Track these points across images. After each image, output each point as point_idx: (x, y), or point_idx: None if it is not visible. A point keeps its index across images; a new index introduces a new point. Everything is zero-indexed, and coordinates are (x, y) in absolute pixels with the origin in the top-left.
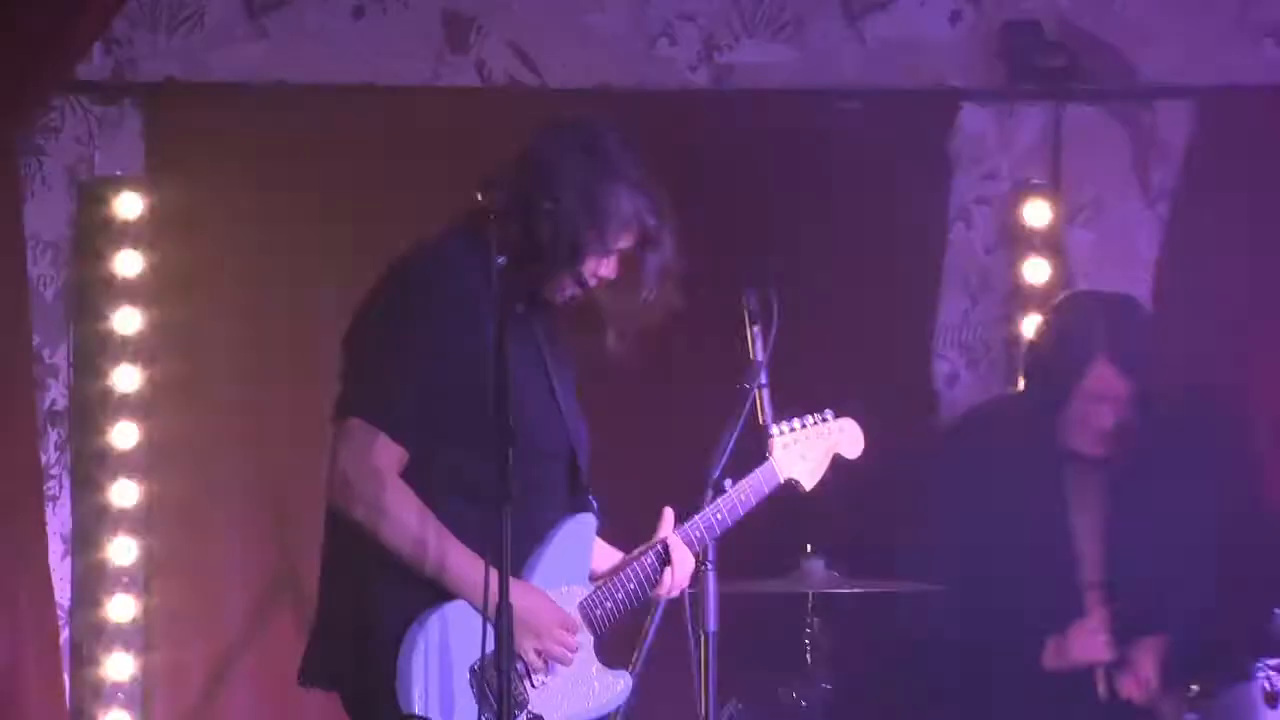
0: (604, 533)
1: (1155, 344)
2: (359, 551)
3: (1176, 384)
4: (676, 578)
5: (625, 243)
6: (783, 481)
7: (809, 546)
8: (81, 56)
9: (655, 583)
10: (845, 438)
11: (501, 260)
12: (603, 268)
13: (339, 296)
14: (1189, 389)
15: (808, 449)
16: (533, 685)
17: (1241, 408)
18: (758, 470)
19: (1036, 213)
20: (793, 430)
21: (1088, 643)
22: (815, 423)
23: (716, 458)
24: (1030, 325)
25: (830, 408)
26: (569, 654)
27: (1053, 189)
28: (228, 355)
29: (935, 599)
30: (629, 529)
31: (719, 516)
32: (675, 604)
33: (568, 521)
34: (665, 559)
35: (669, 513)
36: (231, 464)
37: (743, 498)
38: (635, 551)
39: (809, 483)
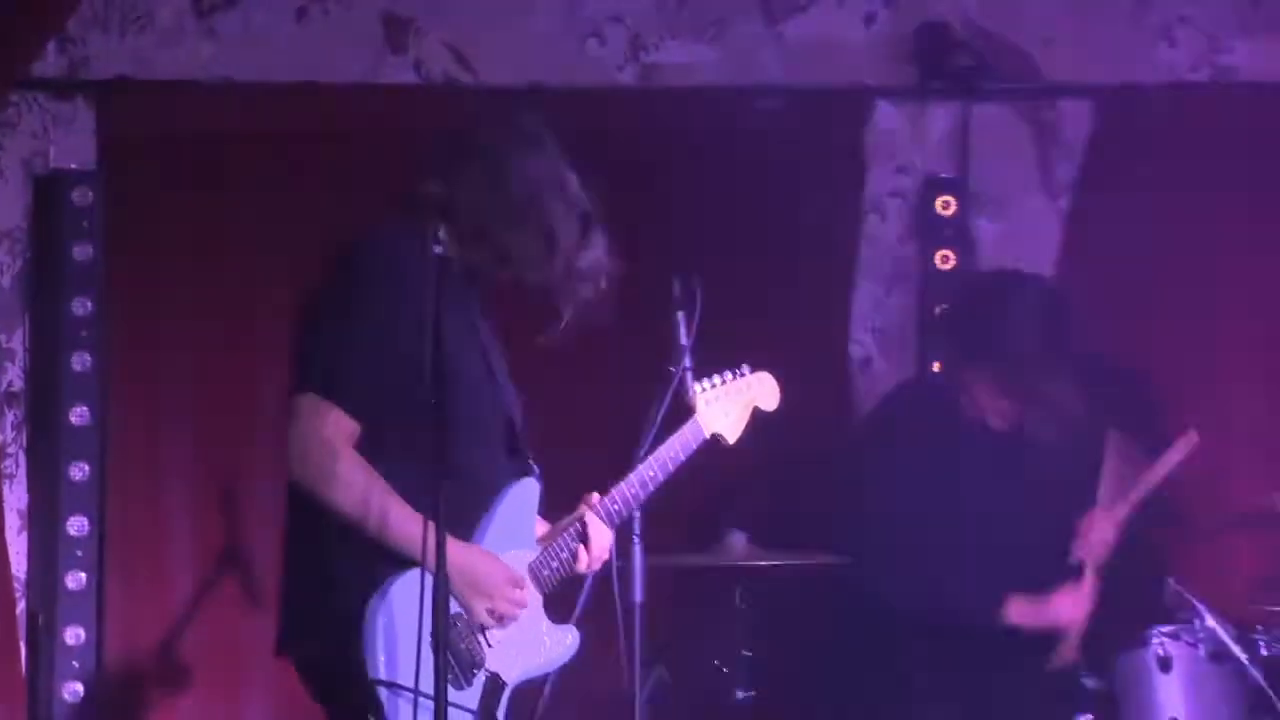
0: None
1: (1061, 329)
2: (319, 523)
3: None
4: (593, 554)
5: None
6: (708, 437)
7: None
8: (37, 55)
9: (575, 558)
10: (763, 390)
11: (439, 249)
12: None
13: (284, 281)
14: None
15: (729, 404)
16: (489, 644)
17: (1153, 389)
18: (684, 427)
19: (946, 205)
20: (714, 386)
21: (1072, 606)
22: (734, 377)
23: (644, 436)
24: (941, 310)
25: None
26: (519, 610)
27: (961, 183)
28: (177, 340)
29: (889, 571)
30: (563, 497)
31: (651, 474)
32: (603, 576)
33: (513, 486)
34: (582, 536)
35: (593, 498)
36: (180, 443)
37: (672, 454)
38: (558, 525)
39: (732, 436)
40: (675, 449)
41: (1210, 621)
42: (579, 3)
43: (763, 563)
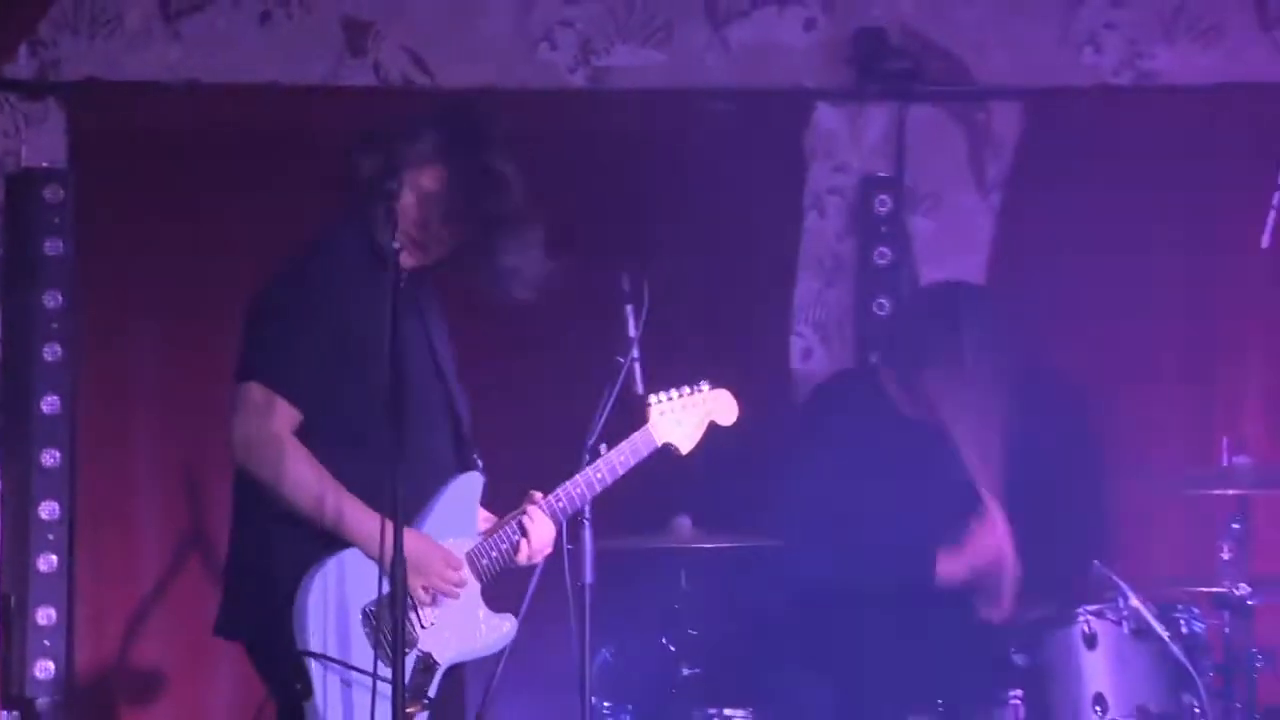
0: (488, 489)
1: (999, 327)
2: (260, 507)
3: (1017, 360)
4: (534, 548)
5: (432, 181)
6: (660, 445)
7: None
8: (9, 58)
9: (516, 549)
10: (720, 406)
11: (397, 245)
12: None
13: (248, 277)
14: (1029, 365)
15: (684, 416)
16: (422, 625)
17: (1075, 381)
18: (636, 435)
19: (882, 203)
20: (670, 400)
21: (987, 535)
22: (691, 392)
23: (593, 425)
24: (881, 306)
25: (705, 379)
26: (454, 589)
27: (897, 181)
28: (144, 332)
29: (814, 547)
30: (512, 489)
31: (599, 476)
32: (555, 559)
33: (457, 479)
34: (522, 531)
35: (536, 496)
36: (147, 430)
37: (622, 459)
38: (503, 520)
39: (685, 447)
40: (625, 455)
41: (1134, 601)
42: (532, 8)
43: (707, 545)
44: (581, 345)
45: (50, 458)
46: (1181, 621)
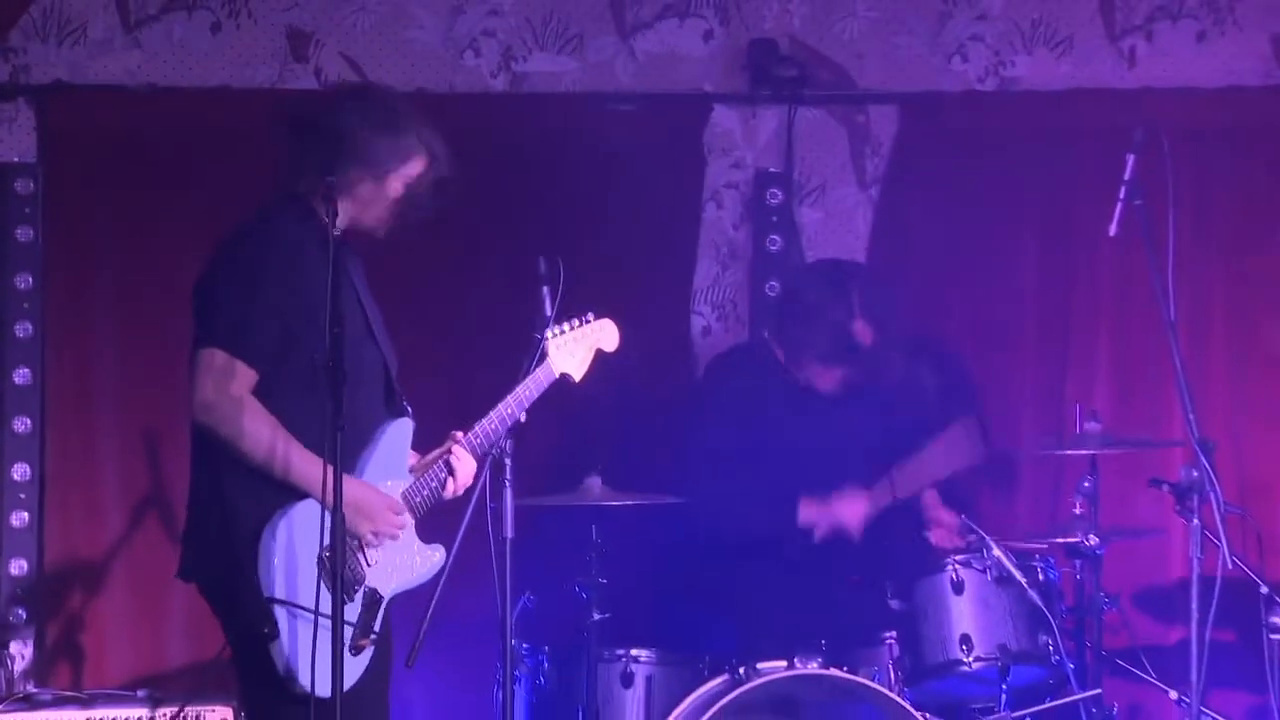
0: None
1: (874, 306)
2: (219, 461)
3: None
4: (459, 482)
5: (418, 167)
6: (557, 376)
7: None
8: None
9: (443, 485)
10: (604, 335)
11: (339, 230)
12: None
13: (196, 259)
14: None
15: (575, 347)
16: (368, 564)
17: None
18: (537, 369)
19: (773, 195)
20: (563, 332)
21: (851, 505)
22: (580, 324)
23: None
24: (772, 288)
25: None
26: (398, 531)
27: (786, 176)
28: (107, 310)
29: (711, 504)
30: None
31: (509, 411)
32: (479, 514)
33: (389, 426)
34: (449, 469)
35: (457, 435)
36: (109, 398)
37: (526, 393)
38: (429, 457)
39: (578, 375)
40: (529, 388)
41: (996, 552)
42: (458, 20)
43: (615, 503)
44: (503, 323)
45: (22, 424)
46: (1038, 569)
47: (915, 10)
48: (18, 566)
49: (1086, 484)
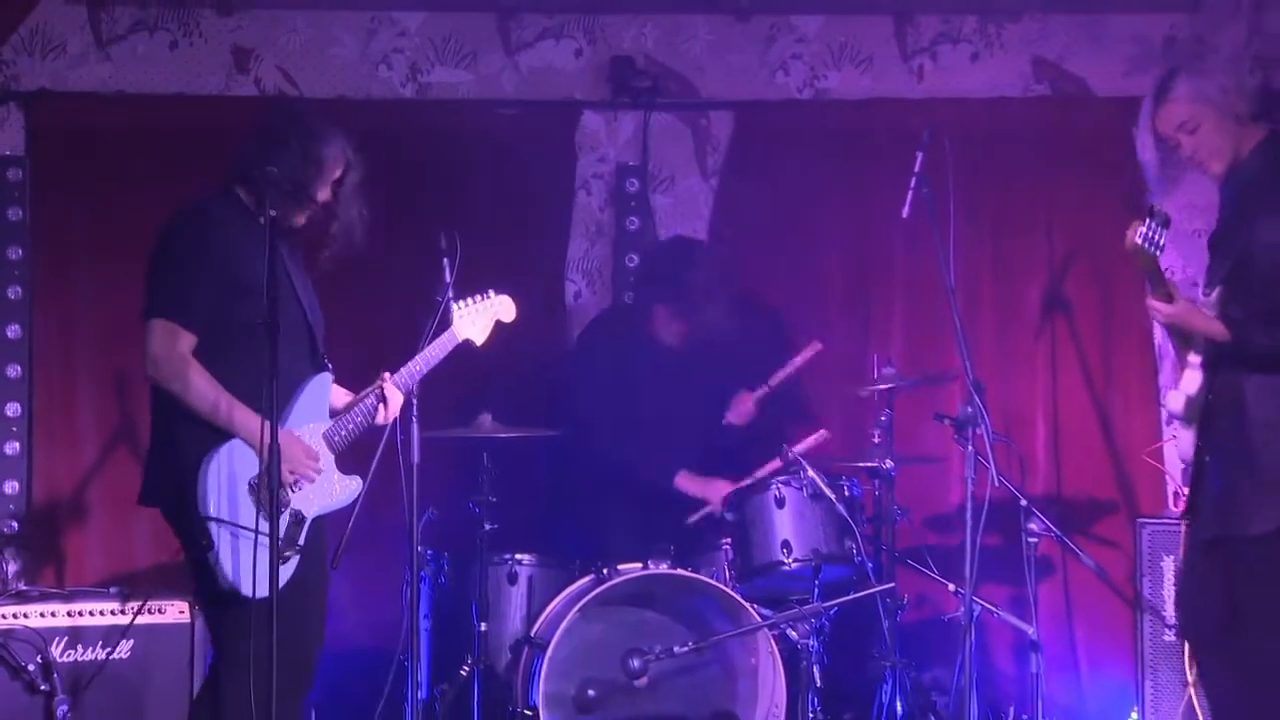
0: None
1: (714, 274)
2: (170, 409)
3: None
4: (390, 410)
5: (335, 174)
6: (460, 341)
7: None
8: None
9: (375, 413)
10: (503, 308)
11: (273, 213)
12: (321, 194)
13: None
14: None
15: (477, 317)
16: (292, 491)
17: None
18: (444, 334)
19: (632, 184)
20: (467, 305)
21: (717, 491)
22: (481, 299)
23: (420, 345)
24: (631, 260)
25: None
26: (313, 474)
27: (643, 169)
28: (85, 274)
29: (582, 437)
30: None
31: (419, 367)
32: (391, 444)
33: (311, 380)
34: (382, 398)
35: (386, 374)
36: (86, 349)
37: (435, 353)
38: (362, 393)
39: (480, 340)
40: (438, 349)
41: (811, 473)
42: (372, 40)
43: (503, 435)
44: (410, 288)
45: (14, 370)
46: (845, 487)
47: (746, 34)
48: (11, 487)
49: (883, 418)
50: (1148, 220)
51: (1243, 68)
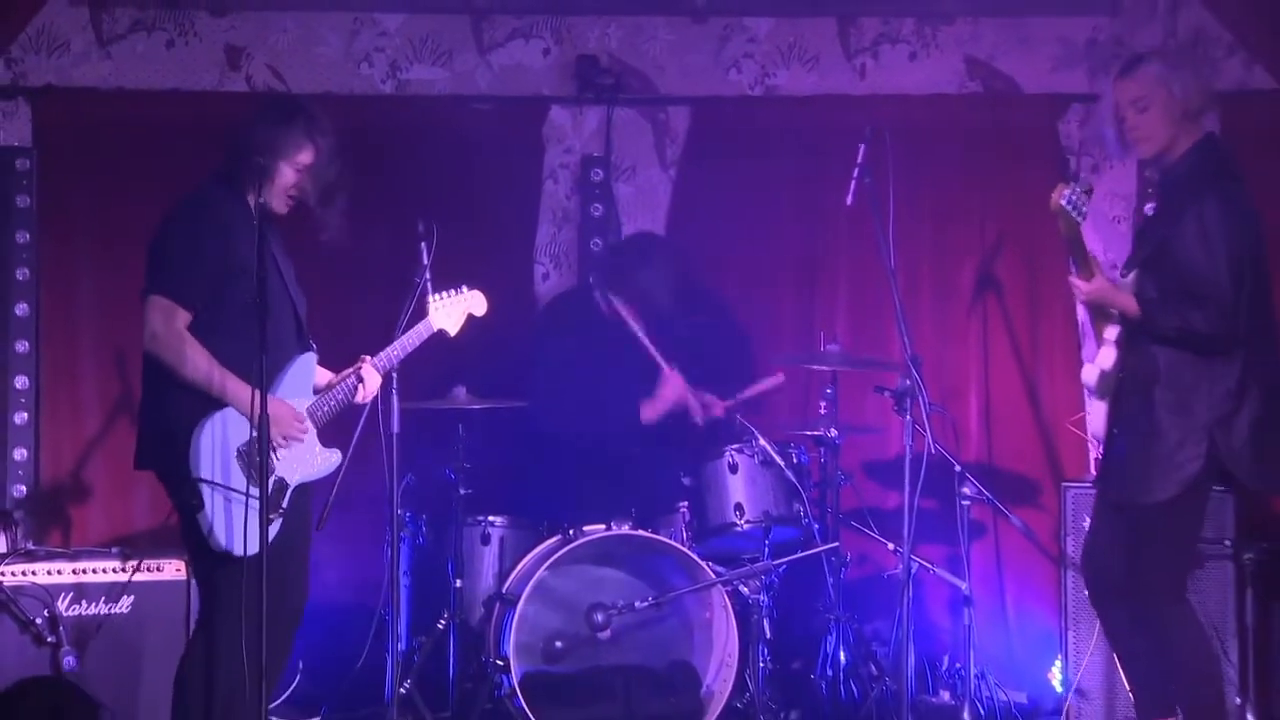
0: (323, 363)
1: (669, 270)
2: (164, 380)
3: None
4: (368, 390)
5: (307, 156)
6: (435, 330)
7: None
8: None
9: (355, 392)
10: (475, 302)
11: (261, 200)
12: (285, 175)
13: (154, 219)
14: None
15: (451, 310)
16: (278, 459)
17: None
18: (420, 323)
19: (596, 174)
20: (443, 298)
21: (669, 385)
22: (455, 293)
23: (398, 324)
24: (595, 245)
25: (466, 286)
26: (300, 436)
27: (606, 160)
28: (87, 256)
29: (549, 408)
30: (344, 362)
31: (396, 353)
32: (372, 415)
33: (298, 359)
34: (361, 379)
35: (365, 357)
36: (88, 325)
37: (411, 340)
38: (342, 374)
39: (453, 331)
40: (413, 337)
41: (762, 441)
42: (355, 39)
43: (476, 406)
44: (389, 271)
45: (22, 346)
46: (793, 454)
47: (702, 35)
48: (20, 454)
49: (829, 391)
50: (1073, 184)
51: (1209, 74)
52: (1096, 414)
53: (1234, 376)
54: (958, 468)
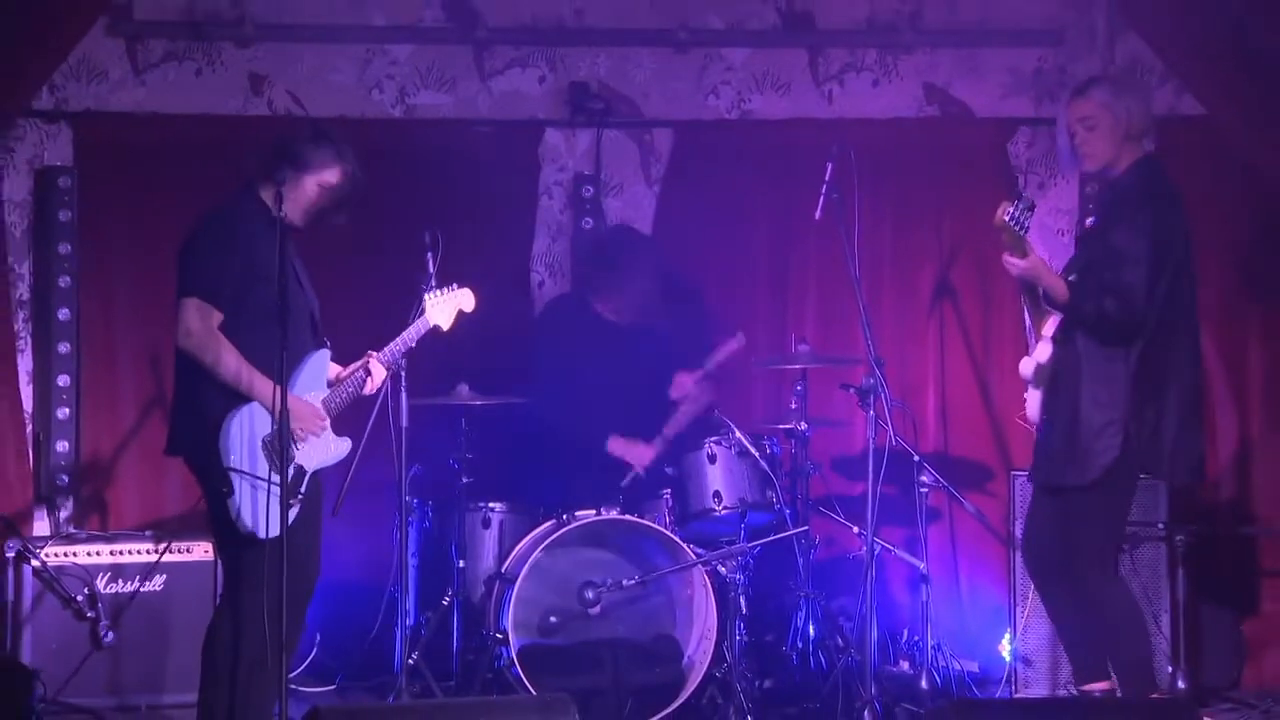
0: (340, 358)
1: (647, 257)
2: (196, 376)
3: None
4: (375, 382)
5: (333, 177)
6: (432, 326)
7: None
8: (35, 96)
9: (364, 384)
10: (464, 299)
11: (283, 212)
12: (310, 190)
13: (183, 232)
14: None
15: (445, 306)
16: (297, 448)
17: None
18: (419, 320)
19: (587, 191)
20: (437, 295)
21: (640, 454)
22: (449, 290)
23: (406, 325)
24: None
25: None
26: (319, 430)
27: (596, 177)
28: (123, 266)
29: (544, 406)
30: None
31: (398, 348)
32: (382, 409)
33: (313, 355)
34: (368, 372)
35: (372, 353)
36: (125, 330)
37: (410, 335)
38: (351, 368)
39: (446, 326)
40: (413, 332)
41: (738, 434)
42: (367, 68)
43: (479, 402)
44: (399, 278)
45: (64, 347)
46: (767, 446)
47: (683, 64)
48: (62, 446)
49: (799, 388)
50: (1016, 202)
51: (1150, 99)
52: (1032, 401)
53: (1151, 376)
54: (916, 458)
